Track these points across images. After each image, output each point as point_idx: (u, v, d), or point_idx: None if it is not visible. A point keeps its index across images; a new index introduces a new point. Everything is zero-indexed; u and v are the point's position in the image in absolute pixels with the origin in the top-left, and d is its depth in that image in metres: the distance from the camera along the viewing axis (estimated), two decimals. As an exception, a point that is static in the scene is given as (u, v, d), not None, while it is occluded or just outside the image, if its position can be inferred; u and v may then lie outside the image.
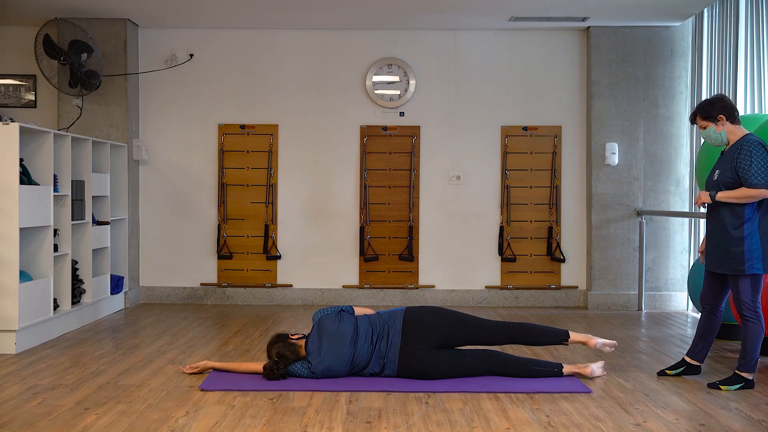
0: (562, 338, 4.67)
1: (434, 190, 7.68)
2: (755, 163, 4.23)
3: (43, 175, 5.82)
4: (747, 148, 4.28)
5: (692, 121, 4.58)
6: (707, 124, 4.45)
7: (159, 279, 7.73)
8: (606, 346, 4.71)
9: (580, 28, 7.59)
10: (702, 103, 4.52)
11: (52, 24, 6.96)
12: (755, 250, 4.27)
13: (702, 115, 4.47)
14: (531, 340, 4.67)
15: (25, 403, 4.04)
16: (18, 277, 5.30)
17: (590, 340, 4.68)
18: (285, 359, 4.52)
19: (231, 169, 7.69)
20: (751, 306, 4.33)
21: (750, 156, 4.25)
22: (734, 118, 4.42)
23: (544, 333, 4.69)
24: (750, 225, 4.29)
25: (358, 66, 7.68)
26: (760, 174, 4.21)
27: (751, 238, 4.28)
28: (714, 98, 4.48)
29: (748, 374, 4.39)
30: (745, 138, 4.35)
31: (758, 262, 4.27)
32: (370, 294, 7.67)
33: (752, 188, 4.23)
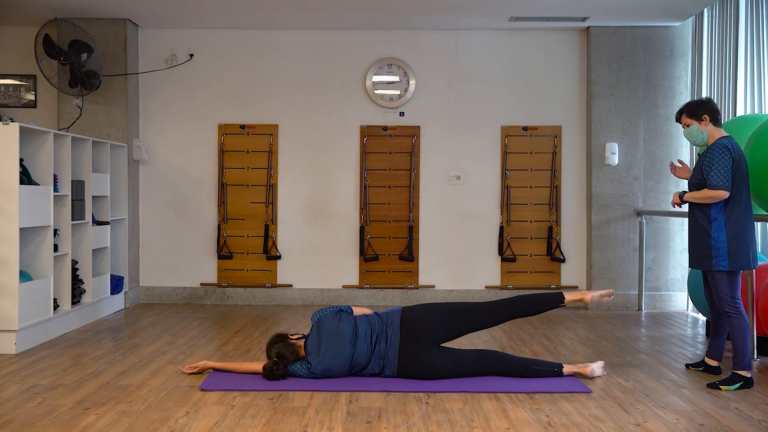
0: (558, 301, 4.65)
1: (434, 190, 7.68)
2: (716, 166, 4.44)
3: (43, 175, 5.82)
4: (712, 151, 4.50)
5: (677, 119, 4.76)
6: (691, 122, 4.64)
7: (159, 279, 7.73)
8: (603, 297, 4.68)
9: (580, 28, 7.59)
10: (690, 102, 4.73)
11: (52, 24, 6.96)
12: (721, 248, 4.45)
13: (689, 113, 4.66)
14: (528, 310, 4.66)
15: (25, 403, 4.04)
16: (18, 277, 5.30)
17: (585, 296, 4.68)
18: (284, 359, 4.52)
19: (231, 169, 7.69)
20: (731, 301, 4.48)
21: (713, 158, 4.47)
22: (717, 120, 4.62)
23: (540, 300, 4.69)
24: (717, 224, 4.49)
25: (358, 66, 7.68)
26: (720, 176, 4.42)
27: (717, 237, 4.48)
28: (702, 99, 4.70)
29: (745, 372, 4.45)
30: (716, 141, 4.54)
31: (724, 259, 4.45)
32: (370, 294, 7.67)
33: (711, 189, 4.45)
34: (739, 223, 4.48)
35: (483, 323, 4.65)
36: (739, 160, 4.50)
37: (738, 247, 4.46)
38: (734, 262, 4.46)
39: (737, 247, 4.46)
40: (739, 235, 4.47)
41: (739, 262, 4.47)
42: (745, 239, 4.48)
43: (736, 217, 4.48)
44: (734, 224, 4.47)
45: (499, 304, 4.67)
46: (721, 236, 4.48)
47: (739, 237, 4.47)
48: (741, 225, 4.48)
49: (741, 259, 4.46)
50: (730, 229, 4.47)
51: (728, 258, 4.46)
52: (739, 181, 4.49)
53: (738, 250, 4.46)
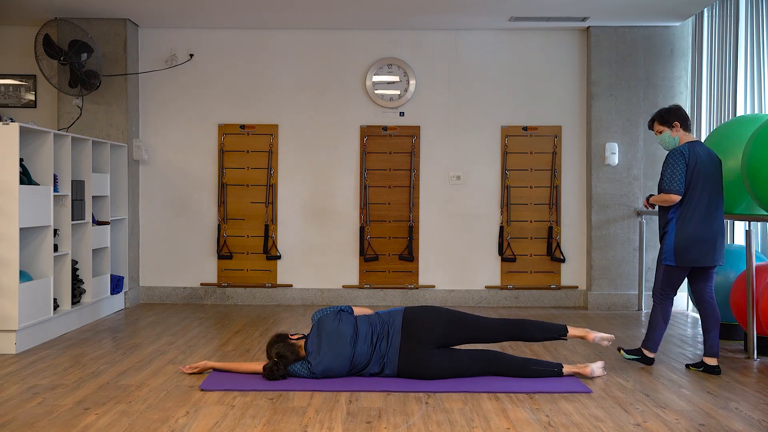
0: (561, 333, 4.68)
1: (434, 190, 7.68)
2: (668, 171, 4.76)
3: (43, 175, 5.82)
4: (668, 157, 4.79)
5: (650, 126, 5.03)
6: (663, 129, 4.91)
7: (159, 279, 7.73)
8: (604, 340, 4.73)
9: (580, 28, 7.59)
10: (660, 110, 4.98)
11: (52, 24, 6.96)
12: (669, 245, 4.77)
13: (660, 120, 4.93)
14: (530, 336, 4.68)
15: (25, 403, 4.04)
16: (18, 277, 5.30)
17: (588, 335, 4.70)
18: (285, 359, 4.52)
19: (231, 169, 7.69)
20: (659, 292, 4.89)
21: (667, 164, 4.78)
22: (687, 126, 4.90)
23: (543, 329, 4.70)
24: (671, 224, 4.79)
25: (358, 66, 7.68)
26: (671, 181, 4.73)
27: (668, 236, 4.79)
28: (672, 107, 4.94)
29: (648, 352, 4.94)
30: (675, 148, 4.82)
31: (671, 256, 4.78)
32: (370, 294, 7.67)
33: (664, 193, 4.76)
34: (693, 224, 4.72)
35: (484, 338, 4.65)
36: (695, 165, 4.73)
37: (687, 247, 4.73)
38: (680, 259, 4.75)
39: (686, 246, 4.72)
40: (690, 235, 4.72)
41: (686, 260, 4.75)
42: (698, 239, 4.72)
43: (689, 218, 4.73)
44: (687, 225, 4.73)
45: (503, 323, 4.69)
46: (671, 235, 4.78)
47: (690, 237, 4.72)
48: (695, 225, 4.72)
49: (685, 257, 4.74)
50: (681, 229, 4.74)
51: (674, 255, 4.76)
52: (695, 184, 4.73)
53: (686, 248, 4.73)
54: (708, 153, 4.84)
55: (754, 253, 5.22)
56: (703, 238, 4.73)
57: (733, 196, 5.61)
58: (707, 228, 4.74)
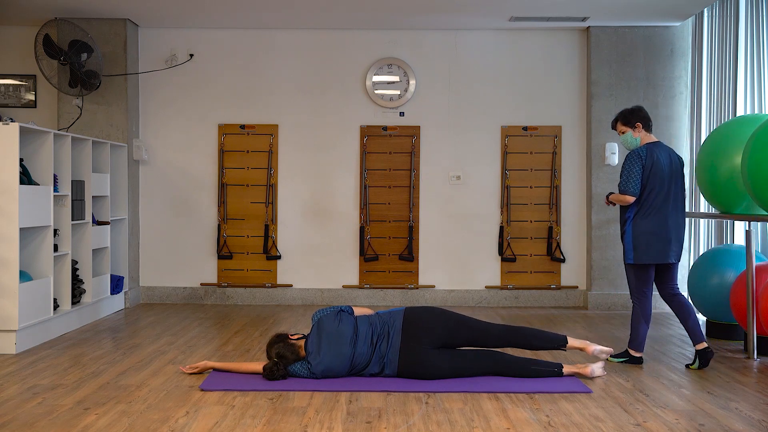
0: (561, 343, 4.70)
1: (434, 190, 7.68)
2: (625, 172, 4.93)
3: (43, 175, 5.82)
4: (626, 159, 4.95)
5: (613, 126, 5.16)
6: (626, 130, 5.06)
7: (159, 279, 7.73)
8: (603, 353, 4.74)
9: (580, 28, 7.59)
10: (623, 111, 5.11)
11: (52, 24, 6.96)
12: (628, 243, 4.94)
13: (623, 121, 5.07)
14: (529, 344, 4.70)
15: (25, 403, 4.04)
16: (18, 277, 5.30)
17: (588, 347, 4.70)
18: (285, 359, 4.52)
19: (231, 169, 7.69)
20: (635, 292, 5.01)
21: (624, 165, 4.95)
22: (649, 127, 5.07)
23: (543, 338, 4.73)
24: (628, 223, 4.95)
25: (358, 66, 7.68)
26: (627, 182, 4.90)
27: (627, 234, 4.95)
28: (634, 108, 5.09)
29: (635, 351, 5.02)
30: (637, 149, 4.97)
31: (630, 253, 4.94)
32: (370, 294, 7.67)
33: (620, 193, 4.93)
34: (648, 222, 4.89)
35: (483, 343, 4.66)
36: (652, 166, 4.88)
37: (642, 244, 4.90)
38: (638, 256, 4.92)
39: (642, 243, 4.89)
40: (646, 234, 4.89)
41: (643, 256, 4.91)
42: (652, 237, 4.89)
43: (645, 217, 4.90)
44: (642, 223, 4.90)
45: (503, 330, 4.70)
46: (629, 233, 4.94)
47: (646, 235, 4.89)
48: (650, 224, 4.89)
49: (644, 254, 4.90)
50: (637, 228, 4.91)
51: (633, 252, 4.93)
52: (652, 184, 4.89)
53: (642, 246, 4.89)
54: (668, 153, 5.00)
55: (754, 253, 5.23)
56: (659, 236, 4.89)
57: (733, 196, 5.62)
58: (662, 226, 4.90)
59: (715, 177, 5.67)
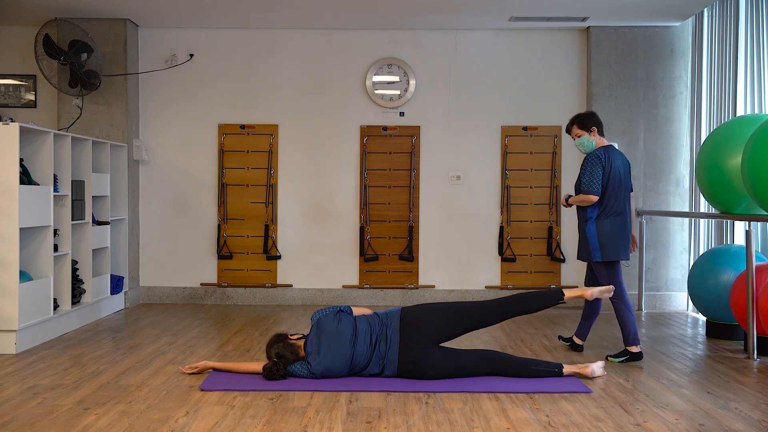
0: (558, 298, 4.70)
1: (434, 190, 7.68)
2: (587, 174, 5.11)
3: (43, 175, 5.82)
4: (586, 161, 5.15)
5: (568, 130, 5.34)
6: (582, 133, 5.25)
7: (159, 279, 7.73)
8: (604, 293, 4.77)
9: (580, 28, 7.59)
10: (579, 115, 5.32)
11: (52, 24, 6.96)
12: (593, 242, 5.13)
13: (579, 125, 5.27)
14: (528, 309, 4.72)
15: (25, 403, 4.04)
16: (18, 277, 5.30)
17: (585, 292, 4.74)
18: (284, 359, 4.52)
19: (231, 169, 7.69)
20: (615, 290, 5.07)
21: (585, 167, 5.13)
22: (602, 132, 5.29)
23: (540, 298, 4.74)
24: (591, 222, 5.15)
25: (358, 66, 7.68)
26: (589, 183, 5.09)
27: (590, 233, 5.14)
28: (589, 113, 5.32)
29: (633, 347, 5.11)
30: (591, 152, 5.18)
31: (597, 251, 5.12)
32: (370, 294, 7.67)
33: (583, 194, 5.11)
34: (610, 221, 5.11)
35: (483, 322, 4.66)
36: (611, 168, 5.10)
37: (607, 242, 5.10)
38: (605, 254, 5.11)
39: (606, 241, 5.10)
40: (609, 232, 5.10)
41: (610, 254, 5.11)
42: (615, 235, 5.11)
43: (607, 216, 5.12)
44: (605, 222, 5.11)
45: (498, 302, 4.69)
46: (592, 232, 5.13)
47: (609, 233, 5.10)
48: (612, 223, 5.11)
49: (611, 252, 5.10)
50: (600, 227, 5.12)
51: (600, 250, 5.12)
52: (611, 185, 5.10)
53: (607, 244, 5.10)
54: (621, 157, 5.26)
55: (754, 253, 5.23)
56: (621, 234, 5.14)
57: (733, 196, 5.62)
58: (621, 225, 5.14)
59: (715, 177, 5.68)
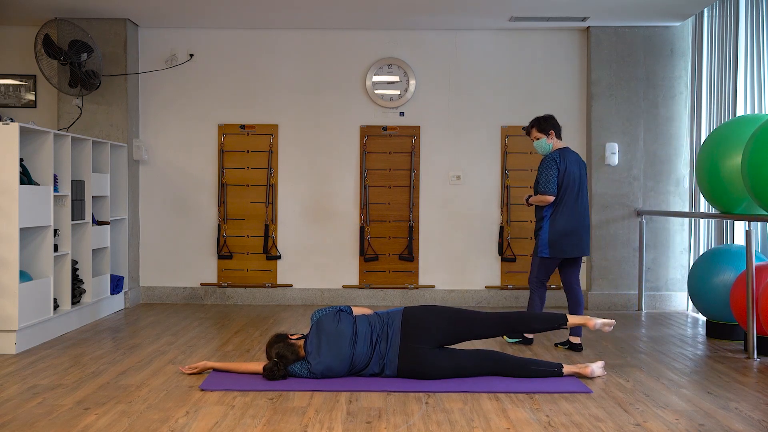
0: (561, 322, 4.68)
1: (434, 190, 7.68)
2: (543, 175, 5.41)
3: (43, 175, 5.82)
4: (542, 163, 5.44)
5: (527, 133, 5.63)
6: (541, 136, 5.55)
7: (159, 279, 7.73)
8: (605, 326, 4.72)
9: (580, 28, 7.59)
10: (538, 118, 5.59)
11: (52, 24, 6.96)
12: (544, 239, 5.44)
13: (538, 128, 5.56)
14: (529, 328, 4.70)
15: (25, 403, 4.04)
16: (18, 277, 5.30)
17: (589, 321, 4.70)
18: (284, 359, 4.52)
19: (231, 169, 7.69)
20: (535, 281, 5.53)
21: (542, 169, 5.43)
22: (559, 135, 5.58)
23: (543, 319, 4.73)
24: (545, 221, 5.45)
25: (358, 66, 7.68)
26: (546, 184, 5.39)
27: (543, 231, 5.45)
28: (548, 116, 5.59)
29: (530, 334, 5.56)
30: (548, 154, 5.48)
31: (545, 249, 5.44)
32: (370, 294, 7.67)
33: (541, 194, 5.41)
34: (563, 220, 5.41)
35: (484, 333, 4.66)
36: (566, 169, 5.39)
37: (558, 240, 5.41)
38: (553, 251, 5.42)
39: (557, 240, 5.41)
40: (561, 231, 5.40)
41: (555, 251, 5.43)
42: (568, 233, 5.41)
43: (560, 215, 5.41)
44: (558, 221, 5.41)
45: (502, 316, 4.70)
46: (546, 230, 5.43)
47: (561, 232, 5.40)
48: (565, 222, 5.41)
49: (556, 250, 5.42)
50: (554, 225, 5.41)
51: (548, 248, 5.43)
52: (565, 185, 5.40)
53: (558, 242, 5.41)
54: (576, 158, 5.53)
55: (754, 253, 5.22)
56: (573, 232, 5.42)
57: (733, 196, 5.62)
58: (575, 223, 5.43)
59: (715, 177, 5.68)
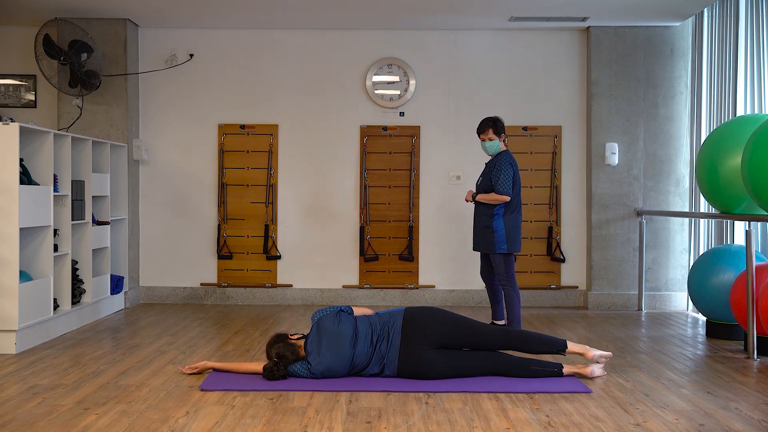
0: (560, 348, 4.70)
1: (434, 190, 7.68)
2: (503, 176, 5.72)
3: (43, 175, 5.82)
4: (500, 164, 5.75)
5: (482, 131, 5.83)
6: (495, 138, 5.83)
7: (159, 279, 7.73)
8: (602, 358, 4.71)
9: (580, 28, 7.59)
10: (494, 120, 5.85)
11: (52, 24, 6.96)
12: (500, 236, 5.73)
13: (494, 130, 5.82)
14: (529, 349, 4.69)
15: (25, 403, 4.05)
16: (18, 277, 5.30)
17: (588, 352, 4.69)
18: (285, 359, 4.52)
19: (231, 169, 7.69)
20: (506, 278, 5.77)
21: (500, 170, 5.73)
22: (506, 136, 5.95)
23: (543, 342, 4.73)
24: (497, 219, 5.74)
25: (358, 66, 7.68)
26: (505, 185, 5.71)
27: (497, 228, 5.73)
28: (499, 118, 5.88)
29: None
30: (502, 155, 5.82)
31: (503, 244, 5.74)
32: (370, 294, 7.67)
33: (499, 194, 5.71)
34: (513, 218, 5.77)
35: (482, 344, 4.64)
36: (515, 171, 5.80)
37: (512, 236, 5.76)
38: (510, 247, 5.76)
39: (511, 236, 5.76)
40: (513, 227, 5.76)
41: (513, 247, 5.77)
42: (517, 230, 5.79)
43: (512, 213, 5.77)
44: (510, 219, 5.76)
45: (503, 332, 4.71)
46: (500, 227, 5.73)
47: (513, 229, 5.76)
48: (515, 219, 5.78)
49: (514, 245, 5.77)
50: (507, 223, 5.75)
51: (506, 243, 5.74)
52: (517, 186, 5.79)
53: (512, 238, 5.76)
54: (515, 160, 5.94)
55: (754, 253, 5.23)
56: (519, 229, 5.82)
57: (733, 196, 5.62)
58: (519, 221, 5.84)
59: (715, 177, 5.68)
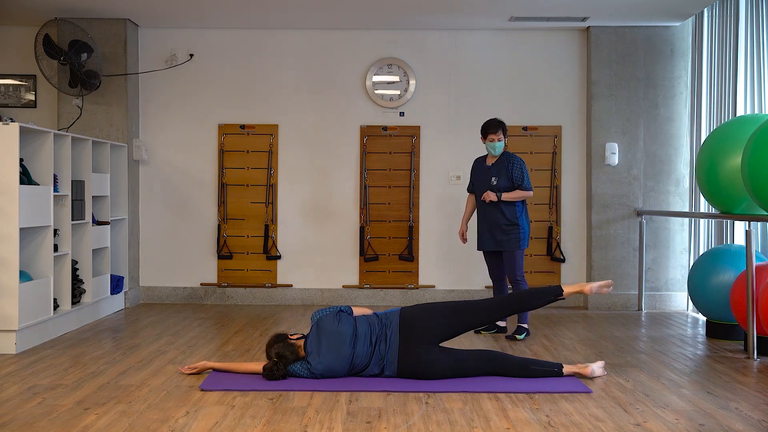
0: (557, 294, 4.69)
1: (434, 190, 7.68)
2: (525, 174, 5.95)
3: (43, 175, 5.82)
4: (518, 163, 5.95)
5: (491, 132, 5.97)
6: (503, 139, 6.00)
7: (159, 279, 7.73)
8: (603, 288, 4.70)
9: (580, 28, 7.59)
10: (500, 122, 6.02)
11: (52, 24, 6.96)
12: (526, 233, 5.96)
13: (503, 131, 6.00)
14: (528, 306, 4.77)
15: (25, 403, 4.04)
16: (18, 277, 5.30)
17: (585, 287, 4.71)
18: (284, 359, 4.52)
19: (231, 169, 7.69)
20: (521, 273, 5.90)
21: (522, 168, 5.95)
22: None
23: (539, 294, 4.77)
24: (522, 216, 5.95)
25: (358, 66, 7.68)
26: (528, 181, 5.95)
27: (523, 225, 5.93)
28: (502, 121, 6.05)
29: (525, 324, 5.90)
30: (511, 154, 6.03)
31: (526, 241, 5.95)
32: (370, 294, 7.67)
33: (525, 191, 5.91)
34: (528, 215, 6.05)
35: (482, 320, 4.67)
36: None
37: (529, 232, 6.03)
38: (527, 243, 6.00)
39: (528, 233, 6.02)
40: (529, 223, 6.04)
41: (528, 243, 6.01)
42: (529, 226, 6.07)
43: (527, 211, 6.04)
44: (527, 216, 6.02)
45: (498, 299, 4.74)
46: (525, 224, 5.95)
47: (529, 225, 6.04)
48: (527, 216, 6.02)
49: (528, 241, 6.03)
50: (526, 220, 5.99)
51: (527, 240, 5.99)
52: None
53: (529, 233, 6.03)
54: None
55: (754, 253, 5.22)
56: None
57: (733, 196, 5.62)
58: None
59: (715, 177, 5.68)
